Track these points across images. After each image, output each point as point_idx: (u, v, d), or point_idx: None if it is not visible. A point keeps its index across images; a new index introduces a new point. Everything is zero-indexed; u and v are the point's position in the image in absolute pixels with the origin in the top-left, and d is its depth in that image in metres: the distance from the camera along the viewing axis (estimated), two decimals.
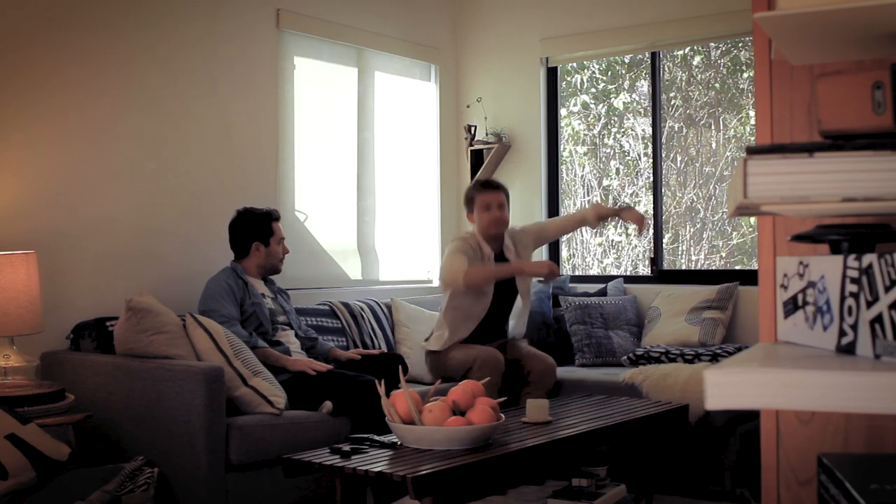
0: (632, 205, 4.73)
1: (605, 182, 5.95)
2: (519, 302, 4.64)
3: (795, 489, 1.37)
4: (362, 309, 4.98)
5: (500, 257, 4.57)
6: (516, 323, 4.66)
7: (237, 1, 4.80)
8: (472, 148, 5.92)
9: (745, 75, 5.57)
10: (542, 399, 3.79)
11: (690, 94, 5.70)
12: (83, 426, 3.59)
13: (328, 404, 3.87)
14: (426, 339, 4.64)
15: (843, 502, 0.93)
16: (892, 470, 1.00)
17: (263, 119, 4.92)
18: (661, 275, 5.51)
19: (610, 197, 5.90)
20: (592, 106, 6.04)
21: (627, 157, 5.91)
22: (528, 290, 4.68)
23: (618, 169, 5.94)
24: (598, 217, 4.65)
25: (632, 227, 4.72)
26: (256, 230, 4.25)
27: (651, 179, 5.61)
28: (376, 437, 3.25)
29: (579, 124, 6.06)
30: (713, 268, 5.62)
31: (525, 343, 4.71)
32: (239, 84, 4.80)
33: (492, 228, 4.50)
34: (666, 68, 5.69)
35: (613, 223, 5.15)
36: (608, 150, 5.97)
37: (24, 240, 3.89)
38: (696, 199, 5.68)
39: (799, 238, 1.20)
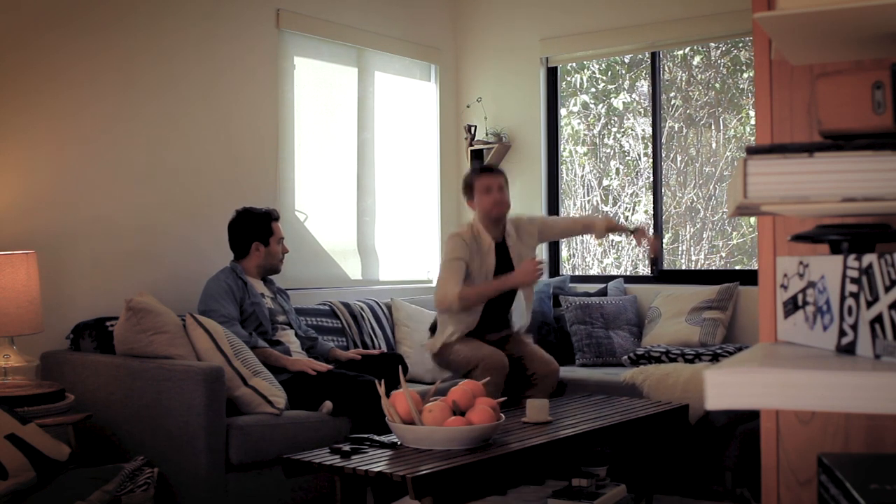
0: (645, 227, 4.72)
1: (605, 182, 5.95)
2: (520, 294, 4.59)
3: (795, 489, 1.37)
4: (362, 309, 4.98)
5: (502, 245, 4.51)
6: (520, 315, 4.60)
7: (237, 1, 4.80)
8: (472, 148, 5.92)
9: (745, 75, 5.57)
10: (542, 399, 3.79)
11: (690, 94, 5.70)
12: (83, 426, 3.59)
13: (328, 404, 3.87)
14: (429, 339, 4.60)
15: (843, 502, 0.93)
16: (892, 470, 1.00)
17: (263, 119, 4.92)
18: (662, 275, 5.51)
19: (610, 197, 5.90)
20: (592, 106, 6.04)
21: (627, 157, 5.91)
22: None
23: (618, 169, 5.94)
24: (608, 228, 4.67)
25: (642, 248, 4.72)
26: (256, 230, 4.25)
27: (651, 179, 5.61)
28: (376, 437, 3.25)
29: (579, 124, 6.06)
30: (713, 268, 5.62)
31: (530, 339, 4.66)
32: (239, 84, 4.80)
33: (494, 211, 4.42)
34: (666, 68, 5.69)
35: (623, 236, 5.07)
36: (608, 150, 5.97)
37: (24, 240, 3.89)
38: (696, 199, 5.68)
39: (799, 238, 1.20)
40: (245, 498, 3.57)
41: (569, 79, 6.05)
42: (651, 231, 4.69)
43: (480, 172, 4.54)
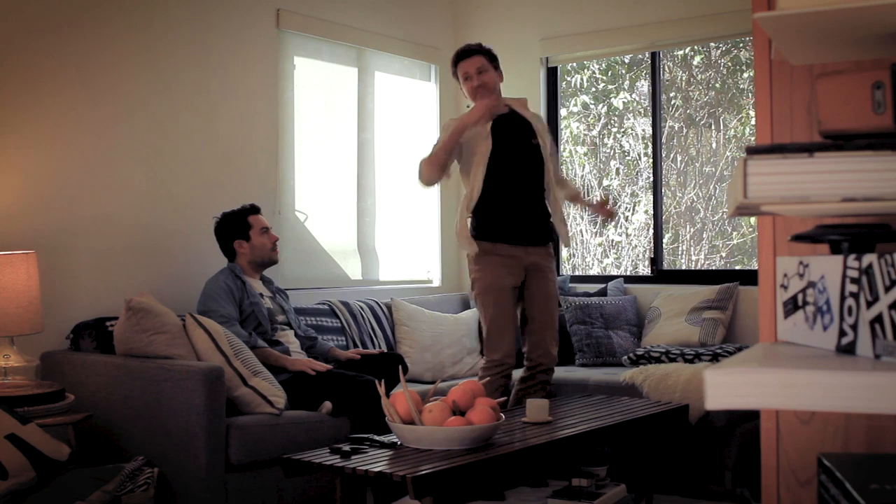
0: (607, 199, 4.45)
1: (605, 182, 5.95)
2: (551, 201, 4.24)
3: (795, 489, 1.37)
4: (362, 308, 4.98)
5: (512, 115, 4.26)
6: (556, 220, 4.28)
7: (237, 1, 4.80)
8: None
9: (745, 75, 5.57)
10: (542, 399, 3.79)
11: (690, 94, 5.70)
12: (83, 426, 3.59)
13: (328, 404, 3.88)
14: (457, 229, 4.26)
15: (843, 502, 0.93)
16: (892, 470, 1.00)
17: (263, 119, 4.92)
18: (661, 275, 5.51)
19: (610, 197, 5.90)
20: (592, 106, 6.04)
21: (627, 157, 5.91)
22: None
23: (618, 169, 5.94)
24: (572, 199, 4.51)
25: (598, 217, 4.48)
26: (233, 229, 4.27)
27: (651, 179, 5.61)
28: (376, 437, 3.25)
29: (579, 124, 6.06)
30: (713, 268, 5.62)
31: (552, 303, 4.32)
32: (239, 84, 4.80)
33: (477, 95, 4.19)
34: (666, 68, 5.69)
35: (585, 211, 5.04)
36: (608, 150, 5.97)
37: (24, 240, 3.89)
38: (696, 199, 5.68)
39: (799, 238, 1.20)
40: (245, 498, 3.57)
41: (569, 79, 6.05)
42: (611, 201, 4.42)
43: (457, 61, 4.32)
